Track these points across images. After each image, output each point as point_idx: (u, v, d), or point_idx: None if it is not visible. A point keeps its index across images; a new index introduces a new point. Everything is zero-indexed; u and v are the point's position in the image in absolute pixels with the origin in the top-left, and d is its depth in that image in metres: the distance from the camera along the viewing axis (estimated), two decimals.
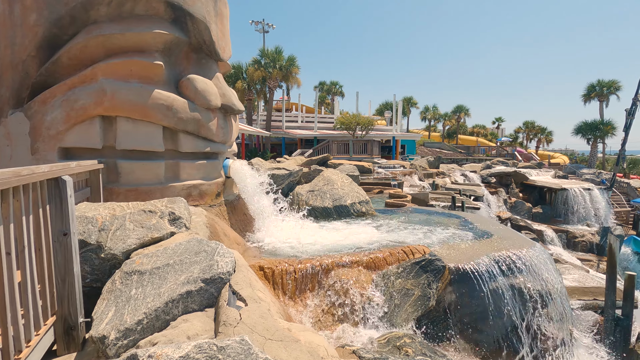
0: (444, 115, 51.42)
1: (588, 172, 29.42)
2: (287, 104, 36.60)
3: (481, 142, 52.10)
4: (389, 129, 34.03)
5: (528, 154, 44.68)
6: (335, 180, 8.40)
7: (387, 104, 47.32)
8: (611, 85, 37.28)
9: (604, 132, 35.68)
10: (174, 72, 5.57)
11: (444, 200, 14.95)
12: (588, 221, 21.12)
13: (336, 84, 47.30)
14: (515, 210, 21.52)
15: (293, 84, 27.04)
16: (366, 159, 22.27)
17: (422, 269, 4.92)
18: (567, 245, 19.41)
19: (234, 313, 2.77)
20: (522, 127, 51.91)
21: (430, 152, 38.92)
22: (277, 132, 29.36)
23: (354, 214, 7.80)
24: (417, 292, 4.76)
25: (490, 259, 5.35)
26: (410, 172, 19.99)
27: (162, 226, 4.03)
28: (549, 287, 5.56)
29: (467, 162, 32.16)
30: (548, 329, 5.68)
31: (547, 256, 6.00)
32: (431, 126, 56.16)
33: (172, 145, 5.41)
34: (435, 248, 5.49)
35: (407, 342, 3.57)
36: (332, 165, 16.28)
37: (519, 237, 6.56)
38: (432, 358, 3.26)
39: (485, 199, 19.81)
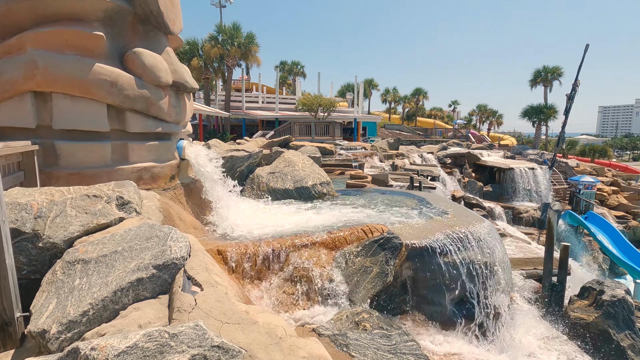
0: (403, 97, 52.52)
1: (532, 153, 31.65)
2: (247, 84, 35.41)
3: (438, 124, 54.09)
4: (350, 110, 34.20)
5: (480, 136, 47.16)
6: (296, 161, 8.33)
7: (348, 85, 47.36)
8: (555, 71, 39.90)
9: (547, 116, 38.36)
10: (118, 45, 5.12)
11: (403, 181, 15.43)
12: (531, 198, 22.91)
13: (298, 64, 46.39)
14: (468, 189, 22.78)
15: (252, 62, 26.10)
16: (328, 140, 22.31)
17: (381, 246, 5.06)
18: (513, 220, 20.96)
19: (189, 299, 2.67)
20: (475, 110, 54.51)
21: (390, 134, 39.79)
22: (237, 113, 28.43)
23: (315, 195, 7.81)
24: (375, 269, 4.90)
25: (444, 235, 5.62)
26: (371, 154, 20.34)
27: (109, 211, 3.77)
28: (496, 260, 5.97)
29: (425, 144, 33.32)
30: (495, 297, 6.14)
31: (494, 231, 6.41)
32: (391, 108, 57.22)
33: (119, 125, 5.02)
34: (393, 226, 5.66)
35: (365, 317, 3.68)
36: (294, 147, 16.13)
37: (470, 214, 6.94)
38: (388, 331, 3.39)
39: (441, 178, 20.73)
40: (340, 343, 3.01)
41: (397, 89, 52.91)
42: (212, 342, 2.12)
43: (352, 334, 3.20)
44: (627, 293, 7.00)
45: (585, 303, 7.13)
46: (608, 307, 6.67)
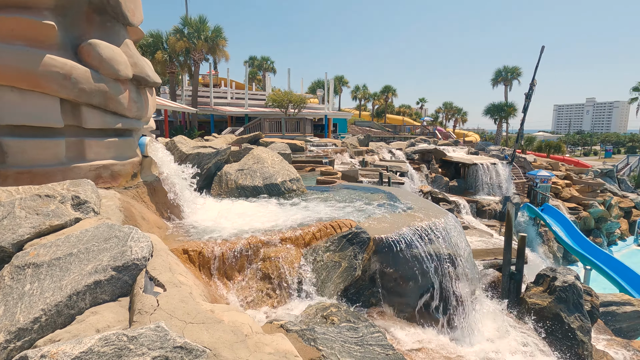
0: (373, 95, 53.33)
1: (494, 149, 33.24)
2: (215, 79, 34.54)
3: (407, 121, 55.42)
4: (321, 107, 34.26)
5: (447, 133, 48.85)
6: (265, 158, 8.25)
7: (319, 82, 47.42)
8: (514, 71, 42.02)
9: (507, 113, 40.38)
10: (72, 36, 4.82)
11: (373, 177, 15.71)
12: (493, 192, 24.06)
13: (267, 59, 45.81)
14: (435, 184, 23.56)
15: (220, 57, 25.47)
16: (299, 137, 22.26)
17: (349, 241, 5.14)
18: (477, 213, 21.92)
19: (151, 300, 2.59)
20: (442, 108, 56.35)
21: (360, 130, 40.29)
22: (204, 109, 27.69)
23: (285, 192, 7.78)
24: (344, 264, 4.97)
25: (410, 228, 5.79)
26: (342, 150, 20.53)
27: (64, 212, 3.57)
28: (459, 251, 6.23)
29: (394, 140, 34.06)
30: (458, 287, 6.42)
31: (457, 224, 6.68)
32: (361, 105, 57.94)
33: (74, 120, 4.75)
34: (361, 221, 5.76)
35: (334, 311, 3.73)
36: (264, 143, 15.95)
37: (435, 208, 7.19)
38: (355, 323, 3.45)
39: (410, 174, 21.30)
40: (308, 338, 3.04)
41: (367, 86, 53.71)
42: (175, 343, 2.07)
43: (320, 328, 3.24)
44: (576, 279, 7.52)
45: (540, 289, 7.60)
46: (560, 292, 7.15)
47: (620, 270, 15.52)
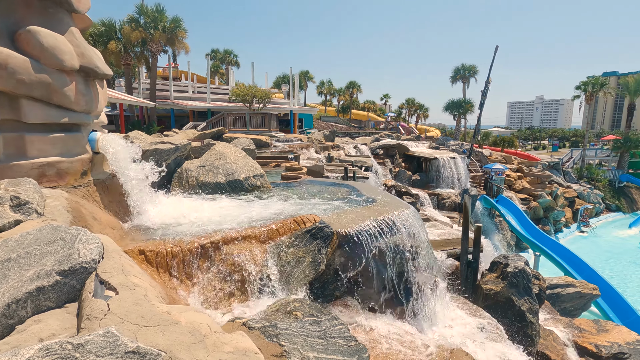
0: (338, 90, 53.73)
1: (454, 144, 34.68)
2: (175, 72, 33.14)
3: (371, 116, 56.43)
4: (286, 102, 34.00)
5: (409, 128, 50.30)
6: (228, 154, 8.06)
7: (284, 77, 46.98)
8: (471, 69, 44.01)
9: (465, 110, 42.29)
10: (8, 22, 4.41)
11: (338, 172, 15.86)
12: (453, 185, 25.16)
13: (230, 52, 44.61)
14: (398, 178, 24.24)
15: (180, 49, 24.44)
16: (264, 132, 21.97)
17: (313, 236, 5.16)
18: (438, 205, 22.83)
19: (101, 304, 2.46)
20: (405, 104, 57.90)
21: (326, 126, 40.49)
22: (164, 103, 26.52)
23: (248, 188, 7.66)
24: (308, 259, 4.99)
25: (373, 222, 5.91)
26: (308, 146, 20.52)
27: (1, 214, 3.28)
28: (419, 242, 6.46)
29: (359, 136, 34.57)
30: (419, 277, 6.67)
31: (418, 216, 6.92)
32: (327, 101, 58.20)
33: (13, 114, 4.36)
34: (325, 216, 5.80)
35: (297, 306, 3.73)
36: (227, 139, 15.58)
37: (397, 201, 7.39)
38: (318, 317, 3.48)
39: (374, 169, 21.75)
40: (270, 334, 3.02)
41: (332, 82, 54.00)
42: (126, 348, 1.98)
43: (283, 323, 3.23)
44: (526, 264, 8.07)
45: (494, 276, 8.08)
46: (511, 277, 7.64)
47: (565, 255, 16.85)
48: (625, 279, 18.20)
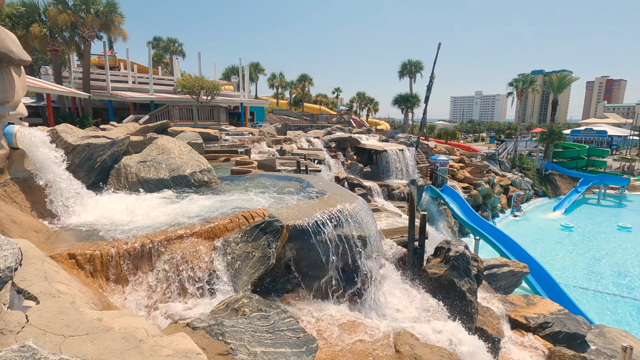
0: (290, 83, 53.27)
1: (402, 136, 36.09)
2: (112, 61, 30.62)
3: (324, 110, 56.82)
4: (236, 94, 33.02)
5: (361, 121, 51.44)
6: (171, 148, 7.65)
7: (233, 68, 45.53)
8: (417, 64, 45.91)
9: (412, 104, 44.15)
10: None
11: (290, 165, 15.80)
12: (402, 176, 26.25)
13: (175, 41, 42.15)
14: (351, 170, 24.73)
15: (117, 35, 22.54)
16: (213, 125, 21.16)
17: (262, 231, 5.09)
18: (388, 196, 23.66)
19: (17, 316, 2.21)
20: (356, 98, 59.03)
21: (278, 119, 40.03)
22: (101, 94, 24.43)
23: (195, 183, 7.35)
24: (257, 254, 4.92)
25: (323, 214, 5.97)
26: (259, 139, 20.16)
27: None
28: (368, 232, 6.65)
29: (312, 129, 34.66)
30: (368, 265, 6.88)
31: (367, 207, 7.11)
32: (279, 94, 57.51)
33: None
34: (274, 210, 5.75)
35: (245, 302, 3.67)
36: (173, 132, 14.78)
37: (347, 193, 7.54)
38: (266, 312, 3.45)
39: (327, 162, 21.98)
40: (215, 333, 2.93)
41: (284, 74, 53.38)
42: None
43: (229, 321, 3.16)
44: (466, 248, 8.66)
45: (438, 260, 8.58)
46: (453, 261, 8.16)
47: (500, 238, 18.40)
48: (550, 257, 20.33)
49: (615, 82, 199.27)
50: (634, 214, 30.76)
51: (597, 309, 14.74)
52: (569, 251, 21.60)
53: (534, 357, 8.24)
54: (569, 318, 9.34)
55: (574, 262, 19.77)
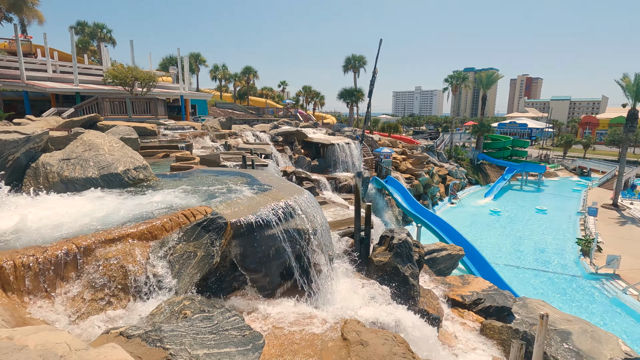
0: (234, 75, 51.58)
1: (348, 130, 36.89)
2: (27, 46, 27.05)
3: (270, 103, 56.01)
4: (175, 87, 31.14)
5: (307, 115, 51.59)
6: (100, 144, 7.00)
7: (171, 58, 42.85)
8: (361, 59, 47.08)
9: (357, 98, 45.27)
10: None
11: (236, 160, 15.35)
12: (348, 168, 26.87)
13: (102, 27, 38.46)
14: (298, 164, 24.75)
15: (31, 18, 19.98)
16: (150, 119, 19.80)
17: (204, 229, 4.88)
18: (336, 189, 24.11)
19: None
20: (302, 91, 59.01)
21: (222, 112, 38.63)
22: (13, 84, 21.54)
23: (129, 182, 6.81)
24: (200, 253, 4.71)
25: (269, 208, 5.89)
26: (202, 134, 19.29)
27: None
28: (315, 225, 6.70)
29: (258, 123, 34.00)
30: (316, 257, 6.95)
31: (313, 200, 7.16)
32: (222, 86, 55.46)
33: None
34: (218, 206, 5.54)
35: (187, 304, 3.49)
36: (103, 127, 13.56)
37: (293, 186, 7.51)
38: (210, 312, 3.32)
39: (274, 156, 21.73)
40: (152, 339, 2.75)
41: (227, 67, 51.54)
42: None
43: (168, 326, 2.98)
44: (408, 235, 9.13)
45: (383, 248, 8.95)
46: (396, 248, 8.57)
47: (439, 225, 19.71)
48: (482, 239, 22.27)
49: (534, 80, 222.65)
50: (549, 197, 34.81)
51: (521, 283, 16.51)
52: (497, 233, 23.84)
53: (469, 331, 9.00)
54: (498, 293, 10.33)
55: (501, 243, 21.88)
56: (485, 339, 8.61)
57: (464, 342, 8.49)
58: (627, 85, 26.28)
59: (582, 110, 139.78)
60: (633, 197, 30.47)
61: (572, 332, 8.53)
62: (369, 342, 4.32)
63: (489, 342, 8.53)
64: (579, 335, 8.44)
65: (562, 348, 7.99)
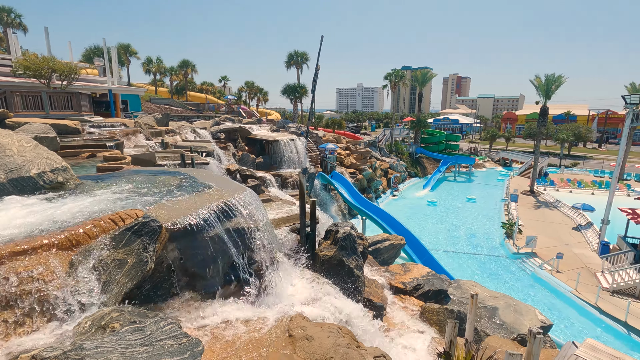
0: (170, 69, 48.54)
1: (293, 126, 36.80)
2: None
3: (210, 99, 53.80)
4: (102, 80, 28.46)
5: (251, 111, 50.46)
6: (7, 144, 6.14)
7: (96, 49, 39.05)
8: (303, 55, 47.13)
9: (300, 94, 45.32)
10: None
11: (174, 159, 14.50)
12: (294, 165, 26.84)
13: (10, 11, 33.70)
14: (242, 162, 24.13)
15: None
16: (72, 116, 17.86)
17: (135, 233, 4.52)
18: (282, 186, 23.95)
19: None
20: (244, 87, 57.52)
21: (158, 108, 36.20)
22: None
23: (45, 186, 6.08)
24: (131, 260, 4.35)
25: (208, 208, 5.63)
26: (135, 131, 17.89)
27: None
28: (258, 223, 6.57)
29: (198, 120, 32.49)
30: (261, 255, 6.83)
31: (256, 198, 7.01)
32: (157, 81, 51.98)
33: None
34: (151, 208, 5.17)
35: (115, 316, 3.21)
36: (13, 125, 11.93)
37: (234, 184, 7.29)
38: (142, 323, 3.09)
39: (216, 154, 20.91)
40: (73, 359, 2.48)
41: (162, 60, 48.36)
42: None
43: (91, 342, 2.71)
44: (352, 229, 9.37)
45: (328, 243, 9.08)
46: (341, 241, 8.74)
47: (382, 216, 20.55)
48: (421, 228, 23.67)
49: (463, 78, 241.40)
50: (478, 187, 38.07)
51: (456, 267, 17.88)
52: (435, 222, 25.53)
53: (411, 315, 9.53)
54: (436, 278, 11.07)
55: (439, 231, 23.48)
56: (425, 322, 9.17)
57: (407, 326, 8.97)
58: (539, 84, 29.60)
59: (504, 107, 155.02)
60: (546, 183, 34.54)
61: (499, 307, 9.44)
62: (315, 337, 4.35)
63: (428, 324, 9.10)
64: (504, 310, 9.37)
65: (490, 322, 8.81)
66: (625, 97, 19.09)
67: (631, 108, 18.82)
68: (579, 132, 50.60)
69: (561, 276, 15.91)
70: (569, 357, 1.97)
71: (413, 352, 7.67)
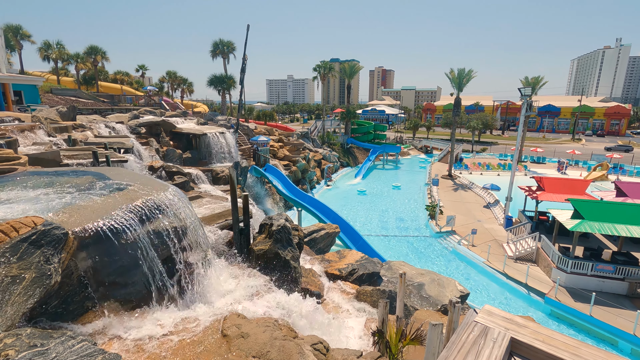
0: (75, 56, 42.79)
1: (222, 119, 35.30)
2: None
3: (127, 90, 48.97)
4: None
5: (174, 103, 47.15)
6: None
7: None
8: (229, 45, 45.16)
9: (228, 85, 43.49)
10: None
11: (85, 157, 12.94)
12: (225, 159, 25.82)
13: None
14: (167, 158, 22.49)
15: None
16: None
17: (34, 244, 3.92)
18: (213, 181, 22.91)
19: None
20: (166, 77, 53.40)
21: (62, 101, 31.80)
22: None
23: None
24: (29, 275, 3.77)
25: (125, 210, 5.12)
26: (32, 127, 15.54)
27: None
28: (185, 222, 6.18)
29: (113, 113, 29.38)
30: (190, 255, 6.45)
31: (181, 195, 6.57)
32: (60, 69, 45.59)
33: None
34: (54, 214, 4.52)
35: (9, 342, 2.74)
36: None
37: (155, 182, 6.73)
38: (44, 345, 2.69)
39: (136, 150, 19.17)
40: None
41: (64, 45, 42.49)
42: None
43: None
44: (286, 220, 9.33)
45: (263, 236, 8.93)
46: (276, 234, 8.66)
47: (317, 207, 20.87)
48: (354, 215, 24.61)
49: (388, 71, 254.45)
50: (404, 173, 40.74)
51: (387, 249, 18.99)
52: (366, 208, 26.74)
53: (348, 300, 9.88)
54: (369, 261, 11.62)
55: (370, 217, 24.65)
56: (361, 304, 9.59)
57: (345, 309, 9.29)
58: (452, 77, 32.43)
59: (424, 98, 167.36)
60: (461, 168, 38.27)
61: (425, 283, 10.27)
62: (250, 333, 4.25)
63: (364, 305, 9.54)
64: (429, 285, 10.21)
65: (418, 297, 9.54)
66: (521, 89, 21.87)
67: (525, 99, 21.65)
68: (486, 120, 56.82)
69: (475, 249, 17.86)
70: (469, 324, 2.20)
71: (352, 331, 7.97)
